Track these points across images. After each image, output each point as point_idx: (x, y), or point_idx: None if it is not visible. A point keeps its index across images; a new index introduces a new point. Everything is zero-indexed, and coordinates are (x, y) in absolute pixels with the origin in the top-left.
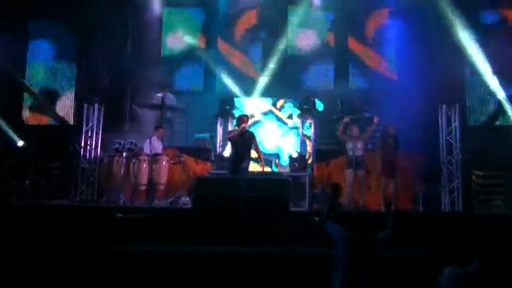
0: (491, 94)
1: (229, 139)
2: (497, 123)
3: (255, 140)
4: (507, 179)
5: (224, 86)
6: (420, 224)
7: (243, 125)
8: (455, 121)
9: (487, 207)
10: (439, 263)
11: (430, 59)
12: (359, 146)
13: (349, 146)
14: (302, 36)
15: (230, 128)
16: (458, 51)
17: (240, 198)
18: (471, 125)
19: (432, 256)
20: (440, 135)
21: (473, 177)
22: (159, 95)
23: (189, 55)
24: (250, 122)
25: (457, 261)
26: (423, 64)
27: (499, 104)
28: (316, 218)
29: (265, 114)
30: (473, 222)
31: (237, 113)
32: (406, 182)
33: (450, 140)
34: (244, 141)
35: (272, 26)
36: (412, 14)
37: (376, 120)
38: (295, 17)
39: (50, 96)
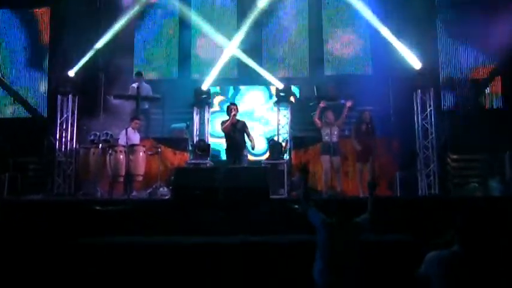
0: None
1: (224, 130)
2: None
3: (247, 128)
4: (483, 162)
5: (199, 73)
6: (398, 209)
7: (233, 114)
8: (430, 106)
9: (464, 190)
10: (418, 247)
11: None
12: (335, 132)
13: (324, 132)
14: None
15: (207, 116)
16: (432, 35)
17: (219, 187)
18: (446, 109)
19: (412, 240)
20: (415, 120)
21: (449, 160)
22: (134, 85)
23: (163, 41)
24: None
25: (437, 246)
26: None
27: (473, 88)
28: (296, 206)
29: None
30: (454, 206)
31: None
32: (383, 167)
33: (426, 124)
34: (237, 130)
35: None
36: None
37: (348, 104)
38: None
39: None
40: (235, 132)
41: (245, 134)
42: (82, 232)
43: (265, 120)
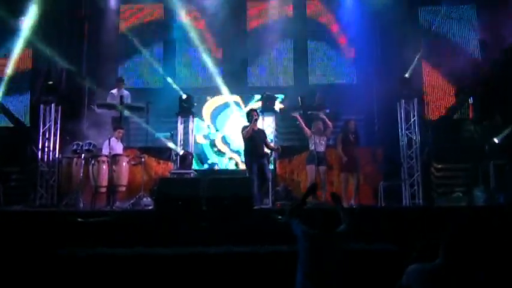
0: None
1: (245, 135)
2: (455, 116)
3: (267, 138)
4: (467, 171)
5: (184, 82)
6: (382, 218)
7: (254, 119)
8: (414, 116)
9: (448, 199)
10: (402, 257)
11: (389, 55)
12: (322, 142)
13: (312, 141)
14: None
15: (191, 126)
16: (416, 46)
17: (202, 197)
18: (430, 119)
19: (395, 249)
20: (399, 130)
21: (433, 169)
22: (114, 91)
23: (147, 50)
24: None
25: (420, 258)
26: (383, 60)
27: (457, 98)
28: (280, 217)
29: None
30: (438, 216)
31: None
32: (368, 176)
33: (409, 134)
34: (259, 136)
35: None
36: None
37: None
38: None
39: None
40: (256, 137)
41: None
42: (64, 243)
43: None
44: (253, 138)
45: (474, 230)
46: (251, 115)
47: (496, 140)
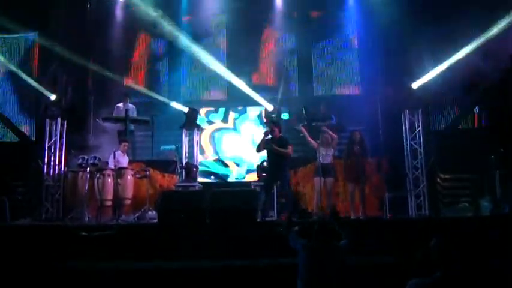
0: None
1: (256, 151)
2: (460, 126)
3: (287, 144)
4: (473, 181)
5: (189, 95)
6: (387, 230)
7: (266, 131)
8: (419, 126)
9: (454, 210)
10: (407, 269)
11: (394, 66)
12: (329, 153)
13: (318, 153)
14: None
15: (196, 138)
16: (421, 56)
17: (206, 210)
18: (434, 129)
19: (400, 262)
20: (404, 140)
21: (439, 180)
22: (120, 105)
23: (153, 64)
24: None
25: (420, 270)
26: (386, 71)
27: (461, 107)
28: (281, 229)
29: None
30: (437, 228)
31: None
32: (373, 187)
33: (414, 144)
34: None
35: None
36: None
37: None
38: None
39: None
40: (271, 151)
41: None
42: (69, 257)
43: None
44: (269, 151)
45: (471, 240)
46: (271, 128)
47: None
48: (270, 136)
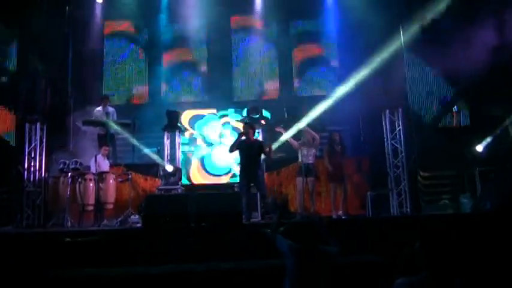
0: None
1: (229, 150)
2: (440, 124)
3: (266, 148)
4: (453, 179)
5: (170, 97)
6: (370, 228)
7: (241, 132)
8: (399, 125)
9: (435, 207)
10: (391, 268)
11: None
12: (311, 153)
13: (300, 153)
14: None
15: (178, 140)
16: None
17: (191, 214)
18: (415, 128)
19: (384, 261)
20: (385, 139)
21: (419, 178)
22: (99, 108)
23: (132, 65)
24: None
25: (405, 268)
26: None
27: (441, 106)
28: (268, 230)
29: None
30: (419, 226)
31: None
32: (355, 186)
33: (395, 143)
34: (251, 149)
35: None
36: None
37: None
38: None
39: None
40: (247, 152)
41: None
42: (52, 264)
43: None
44: (243, 153)
45: (453, 238)
46: (245, 128)
47: (478, 148)
48: (244, 138)
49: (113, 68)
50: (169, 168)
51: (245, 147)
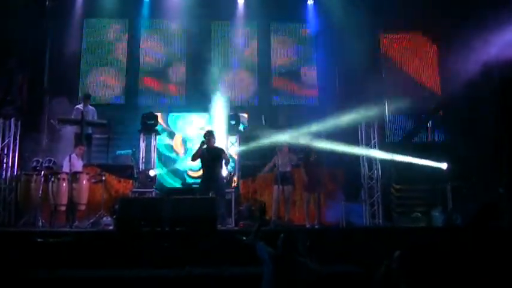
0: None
1: (192, 159)
2: (414, 140)
3: (226, 155)
4: (425, 192)
5: (146, 99)
6: (343, 238)
7: (202, 140)
8: (374, 138)
9: (407, 220)
10: (364, 277)
11: (350, 78)
12: (287, 162)
13: (279, 161)
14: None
15: (154, 143)
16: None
17: (165, 218)
18: (389, 141)
19: (357, 271)
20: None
21: (393, 190)
22: (79, 106)
23: (110, 67)
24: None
25: (383, 282)
26: (343, 82)
27: (416, 123)
28: (244, 238)
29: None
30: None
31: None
32: (329, 196)
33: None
34: (210, 156)
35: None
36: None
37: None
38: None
39: None
40: (207, 160)
41: (222, 161)
42: (23, 264)
43: None
44: (203, 159)
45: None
46: (205, 137)
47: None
48: (205, 146)
49: (92, 67)
50: (152, 173)
51: (206, 154)
